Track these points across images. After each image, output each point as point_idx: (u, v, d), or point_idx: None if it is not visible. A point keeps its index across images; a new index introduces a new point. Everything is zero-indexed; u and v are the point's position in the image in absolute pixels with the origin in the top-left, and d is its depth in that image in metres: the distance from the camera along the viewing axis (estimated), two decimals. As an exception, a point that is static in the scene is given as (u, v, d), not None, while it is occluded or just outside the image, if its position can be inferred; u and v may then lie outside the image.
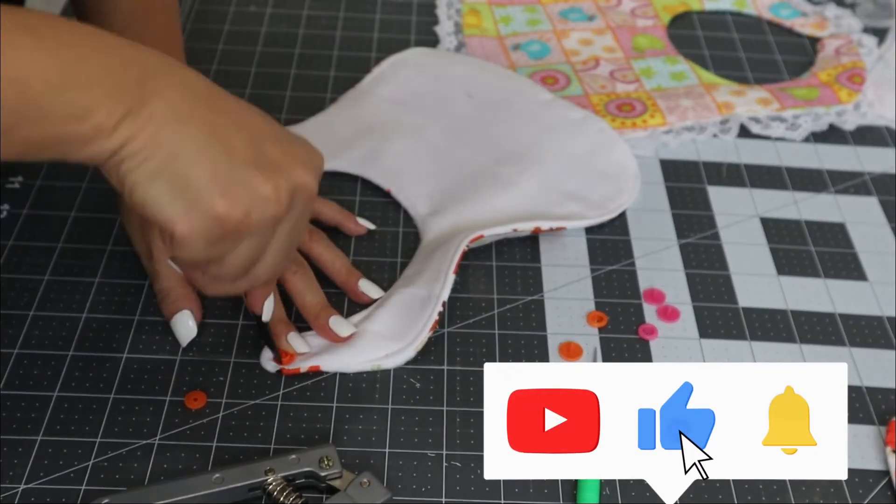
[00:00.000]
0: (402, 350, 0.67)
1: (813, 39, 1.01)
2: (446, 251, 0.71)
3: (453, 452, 0.63)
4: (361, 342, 0.67)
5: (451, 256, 0.70)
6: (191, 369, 0.66)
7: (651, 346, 0.70)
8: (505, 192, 0.78)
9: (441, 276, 0.69)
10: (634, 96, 0.90)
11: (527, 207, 0.77)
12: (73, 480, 0.59)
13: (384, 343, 0.67)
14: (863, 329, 0.72)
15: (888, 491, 0.62)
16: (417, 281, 0.70)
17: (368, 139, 0.82)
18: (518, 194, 0.78)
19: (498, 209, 0.76)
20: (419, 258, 0.73)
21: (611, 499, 0.61)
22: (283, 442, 0.62)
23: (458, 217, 0.75)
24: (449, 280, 0.69)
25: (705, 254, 0.77)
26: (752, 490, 0.62)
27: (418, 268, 0.72)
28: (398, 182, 0.79)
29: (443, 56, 0.93)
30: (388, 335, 0.67)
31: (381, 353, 0.67)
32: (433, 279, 0.69)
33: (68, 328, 0.68)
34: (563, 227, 0.76)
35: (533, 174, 0.79)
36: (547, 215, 0.76)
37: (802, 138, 0.89)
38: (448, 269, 0.70)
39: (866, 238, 0.79)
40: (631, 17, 1.02)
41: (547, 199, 0.78)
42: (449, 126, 0.84)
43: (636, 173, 0.81)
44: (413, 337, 0.67)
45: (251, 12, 1.00)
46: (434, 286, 0.69)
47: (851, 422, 0.66)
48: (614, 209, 0.78)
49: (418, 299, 0.69)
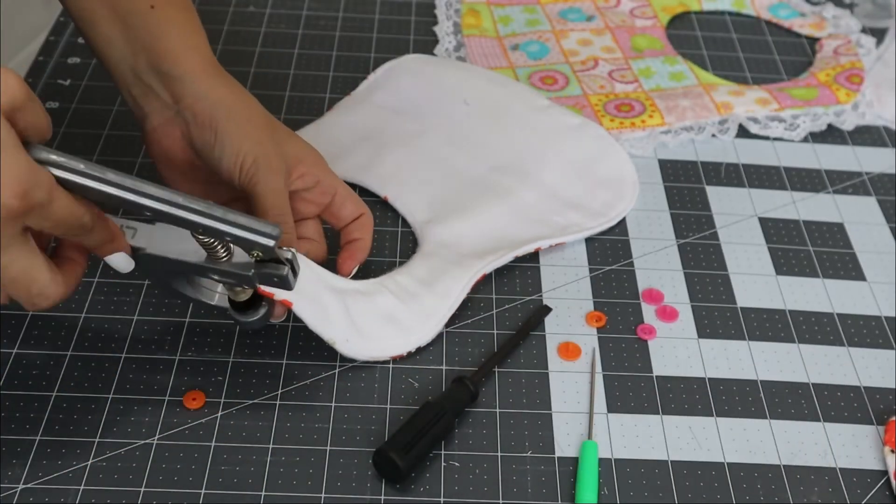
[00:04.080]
0: (361, 345, 0.66)
1: (811, 40, 1.01)
2: (444, 297, 0.70)
3: (452, 452, 0.63)
4: (333, 310, 0.65)
5: (448, 309, 0.69)
6: (189, 369, 0.66)
7: (650, 345, 0.70)
8: (503, 200, 0.77)
9: (430, 323, 0.69)
10: (633, 96, 0.90)
11: (526, 217, 0.77)
12: (71, 480, 0.59)
13: (347, 325, 0.66)
14: (861, 329, 0.72)
15: (886, 491, 0.63)
16: (410, 303, 0.69)
17: (364, 147, 0.82)
18: (517, 203, 0.77)
19: (498, 220, 0.76)
20: (418, 272, 0.71)
21: (609, 498, 0.61)
22: (281, 442, 0.62)
23: (458, 227, 0.75)
24: (436, 330, 0.69)
25: (704, 254, 0.77)
26: (751, 490, 0.62)
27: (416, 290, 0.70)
28: (395, 190, 0.79)
29: (438, 62, 0.92)
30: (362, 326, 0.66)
31: (341, 334, 0.65)
32: (426, 316, 0.69)
33: (67, 328, 0.68)
34: (563, 242, 0.76)
35: (531, 182, 0.79)
36: (546, 224, 0.76)
37: (801, 138, 0.89)
38: (441, 319, 0.69)
39: (865, 238, 0.80)
40: (630, 17, 1.02)
41: (546, 208, 0.78)
42: (446, 134, 0.83)
43: (635, 179, 0.81)
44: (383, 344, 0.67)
45: (250, 12, 1.00)
46: (426, 325, 0.68)
47: (850, 422, 0.66)
48: (614, 217, 0.78)
49: (405, 317, 0.68)
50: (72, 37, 0.94)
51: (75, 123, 0.84)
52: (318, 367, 0.67)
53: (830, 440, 0.65)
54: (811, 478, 0.63)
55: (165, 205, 0.54)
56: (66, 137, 0.82)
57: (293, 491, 0.60)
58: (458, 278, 0.71)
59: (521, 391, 0.66)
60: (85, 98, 0.87)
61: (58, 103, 0.86)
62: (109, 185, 0.53)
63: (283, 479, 0.60)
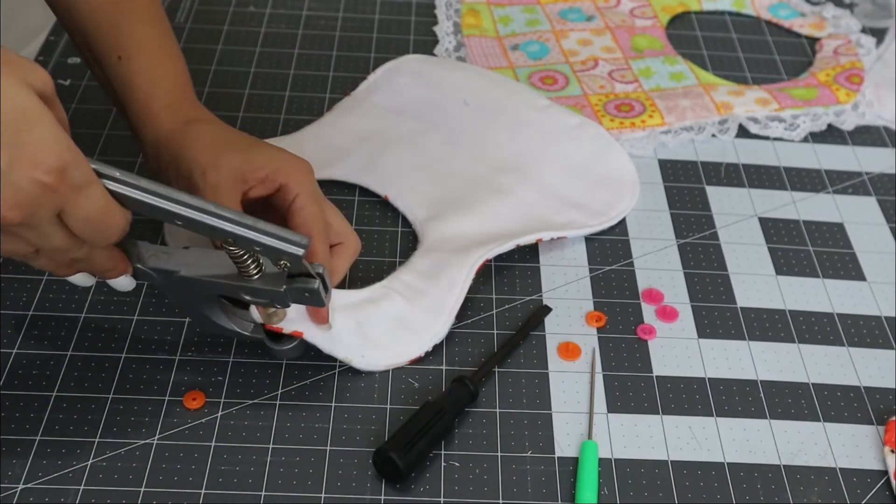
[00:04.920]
0: (377, 357, 0.66)
1: (811, 40, 1.01)
2: (451, 288, 0.70)
3: (452, 452, 0.63)
4: (345, 330, 0.65)
5: (456, 300, 0.69)
6: (189, 369, 0.66)
7: (649, 345, 0.70)
8: (504, 200, 0.77)
9: (441, 318, 0.69)
10: (633, 96, 0.90)
11: (526, 215, 0.77)
12: (71, 480, 0.59)
13: (360, 341, 0.66)
14: (861, 329, 0.72)
15: (886, 490, 0.63)
16: (418, 301, 0.69)
17: (364, 147, 0.82)
18: (517, 202, 0.77)
19: (498, 216, 0.76)
20: (422, 267, 0.71)
21: (609, 498, 0.61)
22: (281, 442, 0.62)
23: (459, 223, 0.75)
24: (448, 324, 0.69)
25: (704, 254, 0.77)
26: (751, 490, 0.62)
27: (421, 287, 0.70)
28: (395, 189, 0.79)
29: (438, 62, 0.92)
30: (373, 336, 0.67)
31: (356, 352, 0.66)
32: (435, 312, 0.69)
33: (67, 328, 0.68)
34: (565, 236, 0.76)
35: (531, 182, 0.79)
36: (547, 223, 0.76)
37: (801, 138, 0.89)
38: (451, 311, 0.69)
39: (865, 238, 0.80)
40: (630, 17, 1.02)
41: (546, 207, 0.78)
42: (446, 134, 0.83)
43: (635, 179, 0.81)
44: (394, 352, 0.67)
45: (250, 12, 1.00)
46: (428, 328, 0.68)
47: (850, 422, 0.66)
48: (614, 217, 0.78)
49: (411, 323, 0.68)
50: (72, 37, 0.94)
51: (75, 123, 0.84)
52: (318, 367, 0.67)
53: (830, 440, 0.65)
54: (811, 478, 0.63)
55: (197, 212, 0.54)
56: (66, 137, 0.82)
57: (293, 491, 0.60)
58: (461, 266, 0.71)
59: (521, 391, 0.66)
60: (85, 98, 0.87)
61: (58, 103, 0.86)
62: (143, 192, 0.54)
63: (283, 479, 0.60)
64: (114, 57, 0.68)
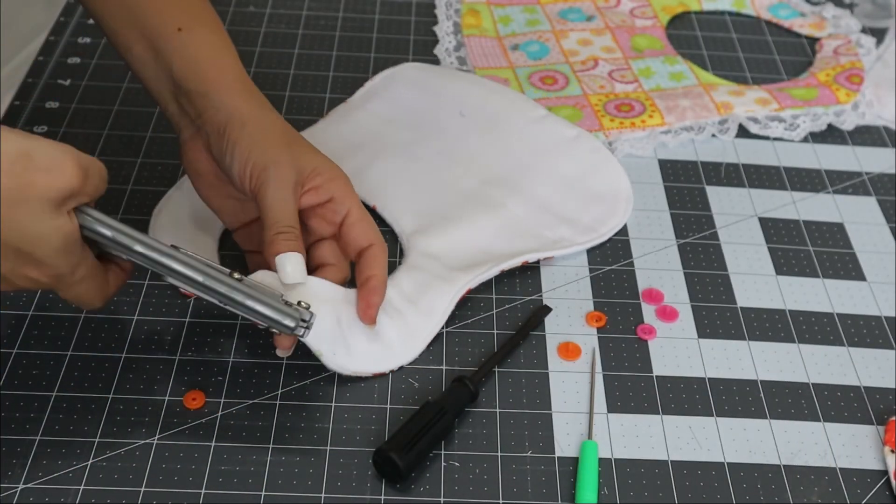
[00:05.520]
0: (346, 360, 0.66)
1: (811, 40, 1.01)
2: (430, 315, 0.69)
3: (452, 452, 0.63)
4: (326, 322, 0.65)
5: (433, 328, 0.69)
6: (189, 369, 0.66)
7: (649, 345, 0.70)
8: (493, 213, 0.77)
9: (416, 343, 0.68)
10: (633, 96, 0.90)
11: (515, 230, 0.76)
12: (71, 480, 0.59)
13: (334, 338, 0.65)
14: (861, 329, 0.72)
15: (886, 491, 0.63)
16: (397, 319, 0.68)
17: (357, 155, 0.81)
18: (507, 216, 0.77)
19: (486, 231, 0.75)
20: (406, 287, 0.70)
21: (609, 498, 0.61)
22: (281, 441, 0.62)
23: (444, 238, 0.74)
24: (419, 350, 0.68)
25: (704, 254, 0.77)
26: (751, 490, 0.62)
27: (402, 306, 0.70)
28: (384, 199, 0.78)
29: (436, 71, 0.91)
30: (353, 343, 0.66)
31: (328, 347, 0.65)
32: (409, 336, 0.68)
33: (67, 328, 0.68)
34: (552, 256, 0.75)
35: (523, 196, 0.78)
36: (537, 238, 0.76)
37: (801, 138, 0.89)
38: (425, 339, 0.69)
39: (865, 238, 0.80)
40: (630, 17, 1.02)
41: (536, 221, 0.77)
42: (439, 145, 0.83)
43: (629, 195, 0.80)
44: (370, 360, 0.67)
45: (250, 12, 1.00)
46: (408, 349, 0.68)
47: (850, 422, 0.66)
48: (605, 233, 0.77)
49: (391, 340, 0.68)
50: (72, 37, 0.94)
51: (75, 123, 0.84)
52: (318, 367, 0.66)
53: (830, 440, 0.65)
54: (811, 478, 0.63)
55: (186, 282, 0.60)
56: (66, 137, 0.82)
57: (293, 491, 0.60)
58: (444, 293, 0.70)
59: (521, 391, 0.66)
60: (85, 98, 0.87)
61: (58, 103, 0.86)
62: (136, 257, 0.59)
63: (283, 479, 0.60)
64: (172, 28, 0.67)
